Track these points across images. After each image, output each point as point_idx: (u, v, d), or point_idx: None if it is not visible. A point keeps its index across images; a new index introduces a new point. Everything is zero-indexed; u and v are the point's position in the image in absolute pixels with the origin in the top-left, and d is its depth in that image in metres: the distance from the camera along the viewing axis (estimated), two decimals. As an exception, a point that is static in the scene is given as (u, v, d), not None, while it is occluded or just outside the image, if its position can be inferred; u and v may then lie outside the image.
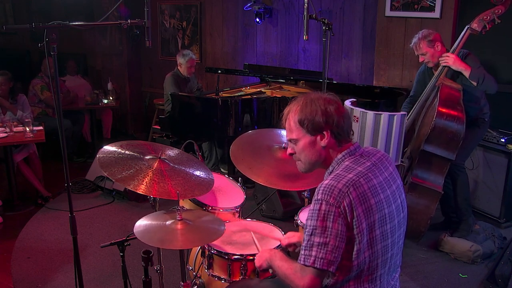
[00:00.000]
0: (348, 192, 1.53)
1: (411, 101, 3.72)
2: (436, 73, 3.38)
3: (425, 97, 3.43)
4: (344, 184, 1.55)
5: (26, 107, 4.79)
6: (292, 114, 1.70)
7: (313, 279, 1.56)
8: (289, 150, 1.78)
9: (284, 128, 1.76)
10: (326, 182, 1.57)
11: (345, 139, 1.69)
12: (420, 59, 3.44)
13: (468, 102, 3.29)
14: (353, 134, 1.73)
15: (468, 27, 3.24)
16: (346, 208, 1.52)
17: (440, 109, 3.20)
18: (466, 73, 3.21)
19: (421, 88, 3.58)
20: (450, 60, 3.24)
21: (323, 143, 1.67)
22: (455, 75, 3.37)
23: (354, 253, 1.55)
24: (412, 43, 3.42)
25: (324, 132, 1.65)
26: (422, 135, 3.28)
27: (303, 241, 1.59)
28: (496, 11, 3.17)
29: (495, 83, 3.24)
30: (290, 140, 1.75)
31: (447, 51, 3.35)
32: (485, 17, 3.19)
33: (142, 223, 2.09)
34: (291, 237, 2.13)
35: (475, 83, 3.20)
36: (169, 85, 4.94)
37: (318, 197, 1.55)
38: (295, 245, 2.10)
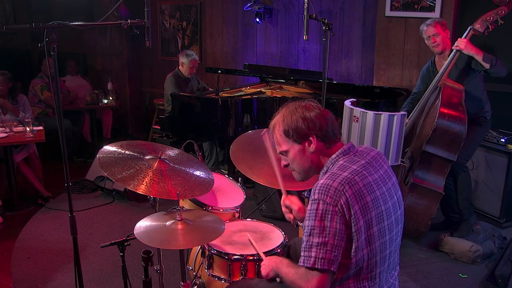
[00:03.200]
0: (344, 190, 1.54)
1: (413, 99, 3.71)
2: (439, 72, 3.37)
3: (427, 97, 3.42)
4: (340, 182, 1.55)
5: (27, 107, 4.79)
6: (277, 128, 1.76)
7: (319, 281, 1.55)
8: (283, 162, 1.82)
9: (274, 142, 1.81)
10: (321, 181, 1.58)
11: (333, 140, 1.72)
12: (432, 40, 3.42)
13: (469, 101, 3.28)
14: (341, 135, 1.76)
15: (471, 28, 3.24)
16: (343, 206, 1.52)
17: (442, 110, 3.19)
18: (479, 57, 3.20)
19: (424, 85, 3.57)
20: (462, 44, 3.22)
21: (312, 148, 1.70)
22: (458, 75, 3.37)
23: (352, 251, 1.56)
24: (427, 25, 3.42)
25: (310, 138, 1.70)
26: (424, 136, 3.28)
27: (302, 242, 1.58)
28: (500, 12, 3.16)
29: (505, 67, 3.25)
30: (281, 153, 1.79)
31: (451, 46, 3.36)
32: (488, 18, 3.19)
33: (142, 224, 2.09)
34: (294, 203, 2.03)
35: (488, 65, 3.19)
36: (170, 85, 4.94)
37: (315, 197, 1.56)
38: (291, 210, 2.02)
